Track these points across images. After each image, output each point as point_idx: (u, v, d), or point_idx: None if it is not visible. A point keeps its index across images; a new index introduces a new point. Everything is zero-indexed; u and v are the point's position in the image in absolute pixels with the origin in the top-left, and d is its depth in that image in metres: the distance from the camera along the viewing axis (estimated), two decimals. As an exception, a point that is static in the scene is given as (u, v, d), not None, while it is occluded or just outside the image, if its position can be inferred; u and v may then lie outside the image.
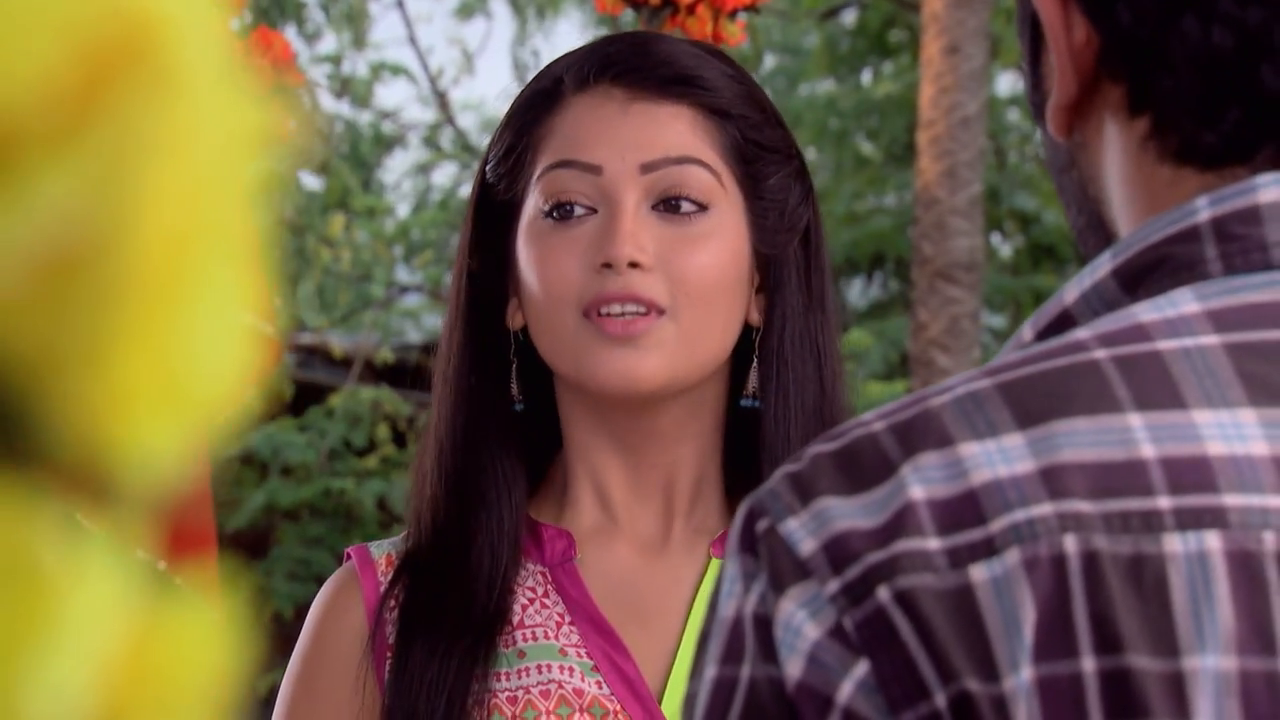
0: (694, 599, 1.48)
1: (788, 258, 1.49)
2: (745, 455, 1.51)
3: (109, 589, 0.37)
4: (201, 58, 0.37)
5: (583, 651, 1.45)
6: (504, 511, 1.48)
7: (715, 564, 1.50)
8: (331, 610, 1.49)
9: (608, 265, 1.42)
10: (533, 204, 1.46)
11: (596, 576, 1.49)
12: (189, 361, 0.37)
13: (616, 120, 1.45)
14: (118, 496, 0.38)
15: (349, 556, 1.51)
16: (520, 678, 1.44)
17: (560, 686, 1.44)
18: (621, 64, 1.47)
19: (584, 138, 1.45)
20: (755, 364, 1.49)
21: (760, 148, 1.48)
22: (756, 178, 1.47)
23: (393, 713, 1.44)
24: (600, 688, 1.44)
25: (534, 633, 1.46)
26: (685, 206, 1.44)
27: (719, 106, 1.46)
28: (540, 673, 1.44)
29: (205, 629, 0.38)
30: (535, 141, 1.47)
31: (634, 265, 1.42)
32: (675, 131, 1.45)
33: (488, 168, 1.50)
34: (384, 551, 1.50)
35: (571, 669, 1.45)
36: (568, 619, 1.47)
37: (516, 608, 1.47)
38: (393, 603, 1.47)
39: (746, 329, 1.49)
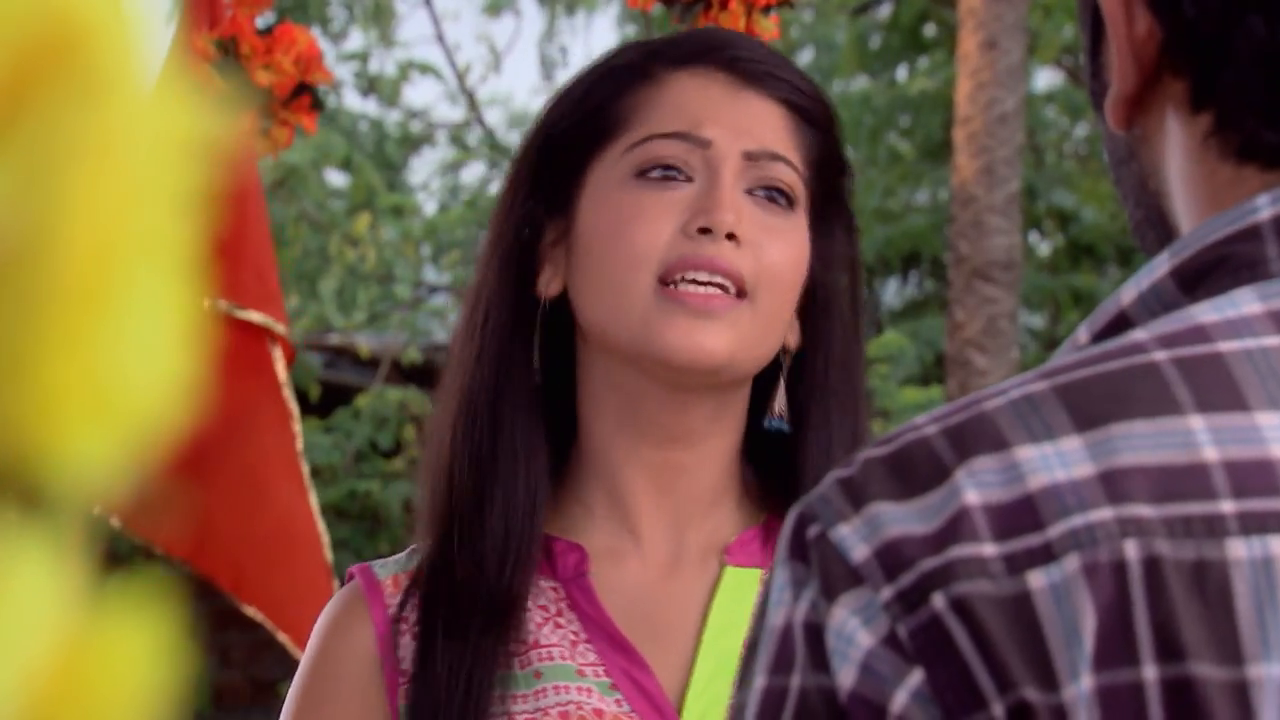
0: (708, 610, 1.45)
1: (838, 288, 1.48)
2: (769, 478, 1.49)
3: (40, 598, 0.37)
4: (130, 61, 0.37)
5: (600, 670, 1.42)
6: (520, 484, 1.43)
7: (729, 572, 1.47)
8: (338, 630, 1.45)
9: (705, 230, 1.40)
10: (619, 167, 1.43)
11: (609, 592, 1.45)
12: (117, 368, 0.37)
13: (726, 102, 1.45)
14: (49, 505, 0.37)
15: (352, 576, 1.47)
16: (538, 699, 1.41)
17: (579, 708, 1.40)
18: (723, 50, 1.46)
19: (695, 113, 1.44)
20: (782, 386, 1.47)
21: (831, 164, 1.48)
22: (824, 194, 1.48)
23: (418, 706, 1.40)
24: (620, 705, 1.41)
25: (550, 652, 1.43)
26: (779, 199, 1.44)
27: (808, 111, 1.47)
28: (558, 693, 1.41)
29: (138, 641, 0.38)
30: (628, 109, 1.45)
31: (730, 237, 1.40)
32: (773, 127, 1.45)
33: (558, 129, 1.47)
34: (389, 573, 1.46)
35: (590, 689, 1.41)
36: (583, 637, 1.43)
37: (532, 625, 1.43)
38: (403, 626, 1.43)
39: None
